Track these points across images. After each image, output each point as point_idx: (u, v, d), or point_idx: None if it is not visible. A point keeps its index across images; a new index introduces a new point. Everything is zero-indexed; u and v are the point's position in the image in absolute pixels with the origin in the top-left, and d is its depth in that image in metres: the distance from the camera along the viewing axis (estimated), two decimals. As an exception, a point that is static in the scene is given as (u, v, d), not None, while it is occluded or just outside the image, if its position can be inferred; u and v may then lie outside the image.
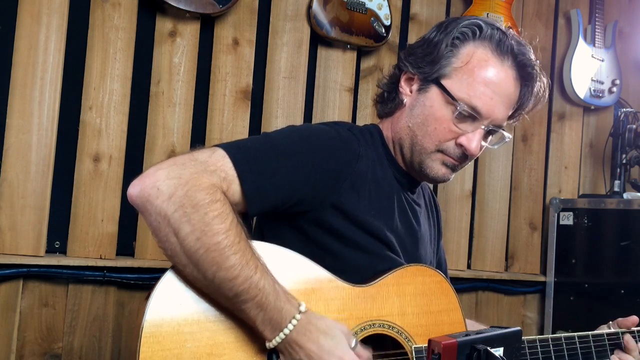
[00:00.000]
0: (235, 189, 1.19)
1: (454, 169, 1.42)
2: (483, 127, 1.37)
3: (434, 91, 1.37)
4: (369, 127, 1.50)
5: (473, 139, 1.36)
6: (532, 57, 1.40)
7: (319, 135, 1.34)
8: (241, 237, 1.13)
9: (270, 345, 1.14)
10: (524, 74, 1.39)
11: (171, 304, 1.13)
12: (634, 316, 1.56)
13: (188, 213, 1.08)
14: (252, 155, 1.23)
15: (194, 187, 1.10)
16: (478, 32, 1.36)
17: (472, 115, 1.35)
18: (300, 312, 1.15)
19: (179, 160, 1.15)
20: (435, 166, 1.40)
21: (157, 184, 1.10)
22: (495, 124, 1.38)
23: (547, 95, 1.46)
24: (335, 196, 1.30)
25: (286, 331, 1.13)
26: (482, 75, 1.34)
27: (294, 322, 1.14)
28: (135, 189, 1.12)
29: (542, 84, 1.43)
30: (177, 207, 1.08)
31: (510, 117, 1.45)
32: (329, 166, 1.30)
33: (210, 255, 1.09)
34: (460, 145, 1.37)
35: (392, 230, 1.40)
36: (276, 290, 1.14)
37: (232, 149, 1.21)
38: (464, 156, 1.39)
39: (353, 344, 1.19)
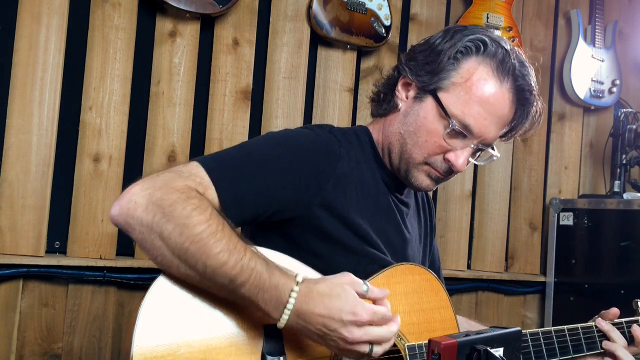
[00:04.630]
0: (212, 194, 1.18)
1: (437, 181, 1.43)
2: (472, 145, 1.37)
3: (429, 102, 1.37)
4: (355, 128, 1.50)
5: (461, 156, 1.37)
6: (533, 80, 1.39)
7: (296, 138, 1.34)
8: (224, 226, 1.12)
9: (281, 324, 1.12)
10: (521, 98, 1.38)
11: (163, 310, 1.12)
12: (615, 308, 1.58)
13: (167, 213, 1.09)
14: (227, 164, 1.22)
15: (168, 190, 1.11)
16: (482, 49, 1.35)
17: (463, 133, 1.35)
18: (297, 283, 1.13)
19: (154, 174, 1.16)
20: (420, 177, 1.41)
21: (133, 198, 1.11)
22: (484, 143, 1.39)
23: (541, 120, 1.45)
24: (320, 197, 1.30)
25: (289, 306, 1.11)
26: (479, 95, 1.34)
27: (294, 294, 1.11)
28: (115, 209, 1.13)
29: (537, 108, 1.42)
30: (156, 211, 1.09)
31: (501, 137, 1.45)
32: (309, 168, 1.29)
33: (196, 246, 1.08)
34: (447, 160, 1.38)
35: (378, 232, 1.40)
36: (270, 267, 1.12)
37: (206, 160, 1.22)
38: (450, 171, 1.40)
39: (364, 289, 1.16)
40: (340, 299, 1.13)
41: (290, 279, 1.13)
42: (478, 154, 1.44)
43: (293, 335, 1.18)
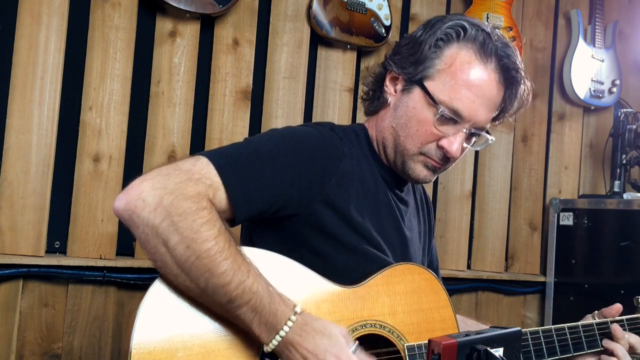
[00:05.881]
0: (221, 196, 1.18)
1: (435, 170, 1.42)
2: (465, 130, 1.37)
3: (417, 92, 1.37)
4: (354, 126, 1.50)
5: (454, 142, 1.36)
6: (517, 59, 1.39)
7: (301, 136, 1.34)
8: (230, 243, 1.12)
9: (267, 348, 1.14)
10: (508, 77, 1.38)
11: (161, 313, 1.12)
12: (618, 304, 1.57)
13: (175, 222, 1.08)
14: (236, 161, 1.22)
15: (179, 196, 1.10)
16: (462, 33, 1.35)
17: (453, 118, 1.35)
18: (295, 314, 1.15)
19: (164, 170, 1.15)
20: (417, 168, 1.40)
21: (142, 196, 1.10)
22: (477, 127, 1.39)
23: (530, 99, 1.45)
24: (323, 195, 1.30)
25: (282, 333, 1.13)
26: (464, 78, 1.34)
27: (290, 323, 1.14)
28: (121, 202, 1.11)
29: (525, 87, 1.42)
30: (164, 217, 1.08)
31: (493, 119, 1.44)
32: (313, 166, 1.30)
33: (202, 263, 1.08)
34: (441, 148, 1.37)
35: (379, 230, 1.40)
36: (270, 292, 1.14)
37: (215, 156, 1.21)
38: (446, 158, 1.39)
39: (353, 348, 1.18)
40: (331, 340, 1.16)
41: (289, 308, 1.15)
42: (473, 139, 1.43)
43: None
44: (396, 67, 1.41)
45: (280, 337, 1.13)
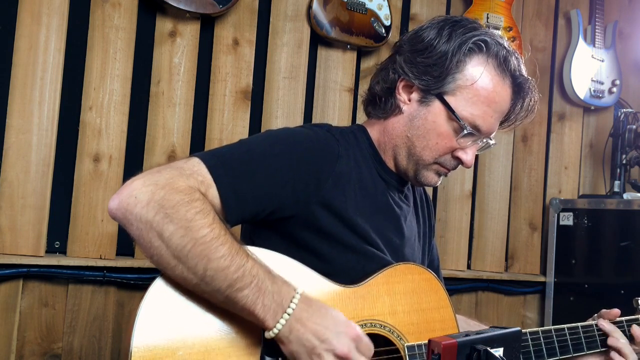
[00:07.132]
0: (213, 193, 1.18)
1: (443, 176, 1.47)
2: (480, 142, 1.42)
3: (436, 106, 1.38)
4: (353, 128, 1.50)
5: (470, 153, 1.41)
6: (525, 70, 1.44)
7: (296, 137, 1.34)
8: (226, 231, 1.12)
9: (274, 332, 1.12)
10: (521, 92, 1.43)
11: (162, 311, 1.12)
12: (616, 309, 1.58)
13: (169, 214, 1.08)
14: (228, 161, 1.22)
15: (171, 190, 1.10)
16: (485, 49, 1.37)
17: (472, 133, 1.38)
18: (298, 293, 1.15)
19: (155, 169, 1.16)
20: (430, 175, 1.44)
21: (134, 193, 1.10)
22: (488, 136, 1.43)
23: (535, 110, 1.48)
24: (319, 196, 1.30)
25: (290, 310, 1.12)
26: (485, 95, 1.36)
27: (295, 300, 1.13)
28: (114, 202, 1.12)
29: (534, 98, 1.46)
30: (157, 211, 1.08)
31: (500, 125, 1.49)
32: (308, 167, 1.30)
33: (199, 249, 1.08)
34: (457, 158, 1.42)
35: (377, 231, 1.40)
36: (272, 276, 1.14)
37: (207, 157, 1.21)
38: (457, 166, 1.44)
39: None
40: (334, 316, 1.16)
41: (292, 288, 1.15)
42: (479, 144, 1.46)
43: None
44: (413, 78, 1.39)
45: (289, 314, 1.11)
